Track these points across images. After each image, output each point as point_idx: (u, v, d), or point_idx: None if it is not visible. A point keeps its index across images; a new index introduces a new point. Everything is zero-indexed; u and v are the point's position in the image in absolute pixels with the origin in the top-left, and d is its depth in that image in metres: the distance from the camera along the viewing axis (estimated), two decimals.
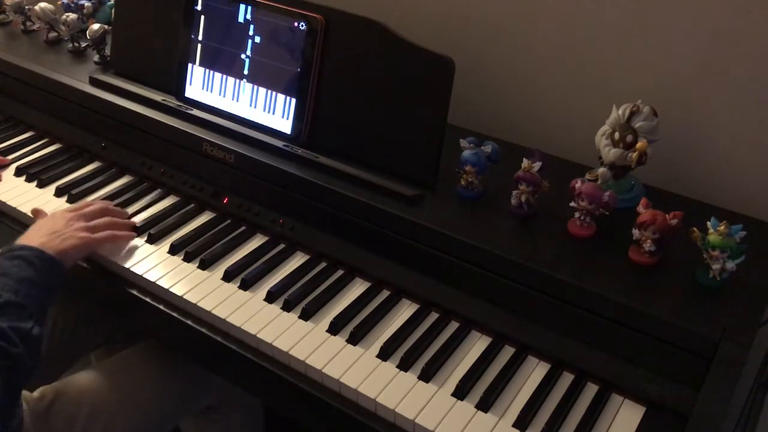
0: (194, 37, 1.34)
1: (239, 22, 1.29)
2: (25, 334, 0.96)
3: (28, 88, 1.51)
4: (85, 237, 1.13)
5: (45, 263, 1.05)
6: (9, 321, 0.95)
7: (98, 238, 1.15)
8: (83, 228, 1.14)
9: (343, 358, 1.02)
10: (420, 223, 1.10)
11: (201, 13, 1.33)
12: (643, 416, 0.94)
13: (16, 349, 0.93)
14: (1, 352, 0.92)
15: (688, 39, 1.20)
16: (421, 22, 1.45)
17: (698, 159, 1.26)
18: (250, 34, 1.28)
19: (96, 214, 1.20)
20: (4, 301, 0.96)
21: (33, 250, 1.05)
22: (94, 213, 1.20)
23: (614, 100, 1.14)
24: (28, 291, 1.00)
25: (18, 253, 1.04)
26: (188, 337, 1.12)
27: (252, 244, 1.22)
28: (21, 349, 0.94)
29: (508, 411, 0.95)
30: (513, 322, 1.04)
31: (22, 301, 0.98)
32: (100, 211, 1.21)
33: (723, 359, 0.89)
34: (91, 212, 1.20)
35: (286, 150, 1.24)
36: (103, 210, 1.22)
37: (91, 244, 1.14)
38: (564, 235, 1.09)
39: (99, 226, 1.17)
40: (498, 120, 1.42)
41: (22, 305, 0.98)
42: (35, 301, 1.00)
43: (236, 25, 1.29)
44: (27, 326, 0.96)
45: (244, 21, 1.28)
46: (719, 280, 0.98)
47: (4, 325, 0.94)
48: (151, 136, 1.35)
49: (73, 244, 1.10)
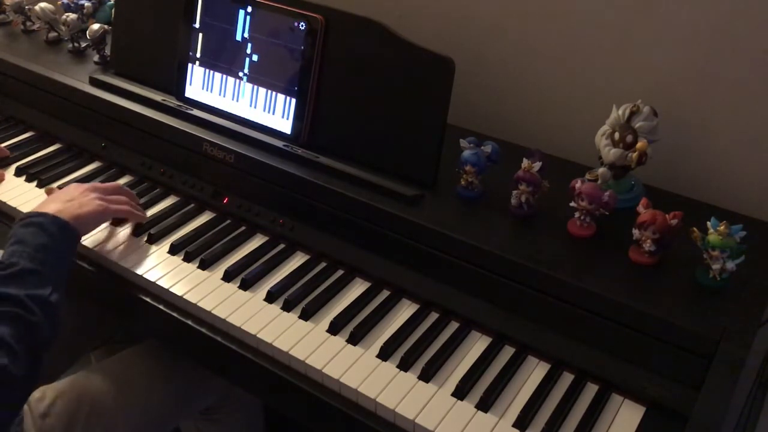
0: (194, 37, 1.34)
1: (239, 22, 1.28)
2: (43, 301, 0.95)
3: (28, 88, 1.51)
4: (102, 205, 1.13)
5: (61, 229, 1.04)
6: (26, 289, 0.94)
7: (114, 209, 1.16)
8: (100, 197, 1.15)
9: (343, 358, 1.02)
10: (420, 223, 1.10)
11: (201, 13, 1.33)
12: (643, 416, 0.94)
13: (35, 317, 0.93)
14: (20, 321, 0.92)
15: (688, 39, 1.20)
16: (421, 22, 1.45)
17: (698, 159, 1.26)
18: (250, 34, 1.28)
19: (111, 190, 1.21)
20: (20, 269, 0.96)
21: (48, 216, 1.05)
22: (109, 189, 1.21)
23: (614, 100, 1.14)
24: (45, 258, 0.99)
25: (33, 220, 1.04)
26: (188, 337, 1.12)
27: (252, 244, 1.22)
28: (40, 317, 0.94)
29: (508, 411, 0.95)
30: (513, 322, 1.04)
31: (39, 268, 0.97)
32: (115, 189, 1.22)
33: (723, 359, 0.89)
34: (107, 188, 1.21)
35: (286, 150, 1.24)
36: (119, 188, 1.23)
37: (108, 213, 1.15)
38: (564, 235, 1.09)
39: (115, 199, 1.19)
40: (498, 120, 1.42)
41: (39, 272, 0.97)
42: (52, 267, 0.99)
43: (236, 24, 1.29)
44: (45, 293, 0.96)
45: (244, 21, 1.28)
46: (719, 280, 0.98)
47: (21, 293, 0.93)
48: (151, 136, 1.35)
49: (90, 210, 1.11)
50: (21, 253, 0.98)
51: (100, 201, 1.14)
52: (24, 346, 0.91)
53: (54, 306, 0.97)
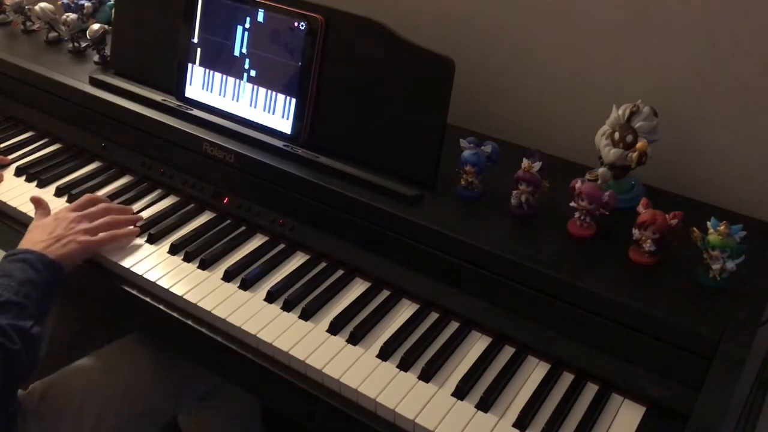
0: (194, 36, 1.34)
1: (239, 22, 1.28)
2: (24, 332, 0.98)
3: (28, 88, 1.51)
4: (85, 241, 1.15)
5: (47, 267, 1.07)
6: (8, 319, 0.97)
7: (98, 241, 1.17)
8: (84, 231, 1.16)
9: (343, 358, 1.02)
10: (420, 223, 1.10)
11: (201, 13, 1.33)
12: (643, 416, 0.95)
13: (15, 346, 0.96)
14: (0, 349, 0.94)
15: (689, 39, 1.20)
16: (421, 22, 1.45)
17: (698, 159, 1.26)
18: (251, 34, 1.28)
19: (98, 214, 1.21)
20: (4, 300, 0.99)
21: (35, 254, 1.08)
22: (95, 214, 1.21)
23: (614, 100, 1.14)
24: (29, 292, 1.02)
25: (21, 257, 1.07)
26: (188, 337, 1.12)
27: (252, 244, 1.22)
28: (19, 346, 0.96)
29: (508, 411, 0.95)
30: (513, 322, 1.04)
31: (23, 301, 1.00)
32: (102, 212, 1.22)
33: (723, 359, 0.89)
34: (93, 213, 1.21)
35: (286, 150, 1.24)
36: (106, 210, 1.23)
37: (92, 248, 1.16)
38: (564, 235, 1.09)
39: (100, 227, 1.19)
40: (498, 120, 1.42)
41: (22, 305, 1.00)
42: (35, 301, 1.02)
43: (236, 24, 1.29)
44: (26, 325, 0.99)
45: (244, 21, 1.28)
46: (719, 280, 0.98)
47: (3, 323, 0.96)
48: (151, 136, 1.35)
49: (74, 248, 1.13)
50: (6, 286, 1.01)
51: (84, 237, 1.15)
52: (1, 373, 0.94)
53: (34, 338, 1.00)
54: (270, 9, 1.25)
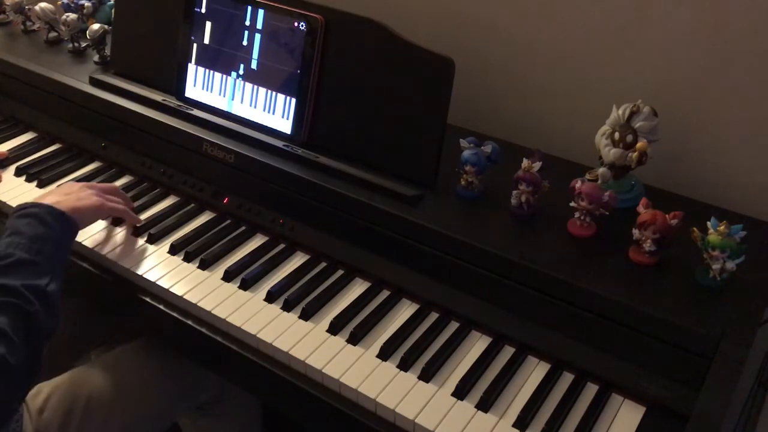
0: (194, 37, 1.34)
1: (239, 21, 1.28)
2: (40, 291, 0.95)
3: (28, 88, 1.51)
4: (100, 200, 1.14)
5: (57, 219, 1.05)
6: (23, 279, 0.94)
7: (111, 206, 1.17)
8: (97, 194, 1.16)
9: (343, 358, 1.02)
10: (420, 223, 1.10)
11: (201, 13, 1.33)
12: (643, 416, 0.95)
13: (32, 307, 0.93)
14: (17, 310, 0.92)
15: (689, 39, 1.20)
16: (421, 22, 1.44)
17: (698, 159, 1.26)
18: (250, 34, 1.28)
19: (108, 190, 1.22)
20: (16, 260, 0.96)
21: (43, 206, 1.06)
22: (106, 189, 1.22)
23: (614, 100, 1.14)
24: (41, 248, 0.99)
25: (29, 211, 1.04)
26: (188, 337, 1.12)
27: (252, 244, 1.22)
28: (37, 307, 0.94)
29: (508, 411, 0.95)
30: (513, 322, 1.04)
31: (35, 258, 0.98)
32: (112, 189, 1.23)
33: (723, 359, 0.89)
34: (104, 188, 1.22)
35: (286, 150, 1.24)
36: (116, 189, 1.25)
37: (105, 208, 1.16)
38: (564, 235, 1.09)
39: (112, 199, 1.20)
40: (498, 120, 1.42)
41: (35, 262, 0.98)
42: (48, 257, 1.00)
43: (236, 24, 1.29)
44: (42, 283, 0.96)
45: (243, 21, 1.28)
46: (719, 280, 0.98)
47: (17, 283, 0.93)
48: (151, 136, 1.35)
49: (87, 204, 1.12)
50: (17, 245, 0.98)
51: (98, 197, 1.15)
52: (22, 336, 0.91)
53: (51, 295, 0.97)
54: (270, 9, 1.25)
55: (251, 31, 1.28)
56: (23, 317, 0.92)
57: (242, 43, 1.29)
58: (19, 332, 0.91)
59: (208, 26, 1.33)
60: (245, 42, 1.29)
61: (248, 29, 1.28)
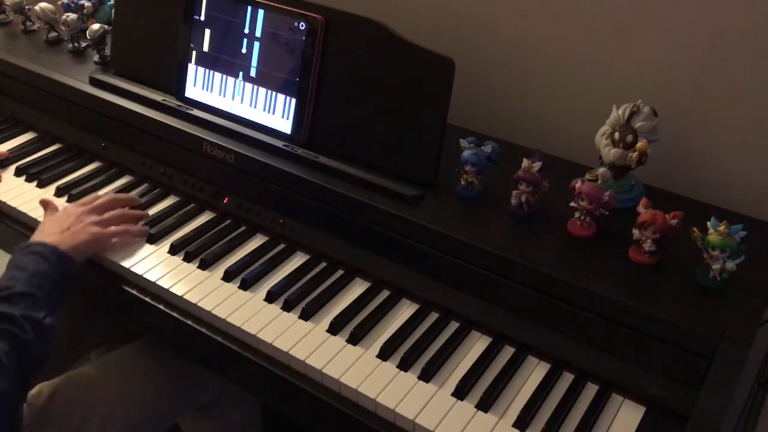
0: (194, 36, 1.34)
1: (239, 21, 1.28)
2: (37, 322, 0.99)
3: (28, 88, 1.51)
4: (97, 232, 1.16)
5: (59, 258, 1.08)
6: (21, 310, 0.98)
7: (109, 233, 1.18)
8: (94, 223, 1.17)
9: (343, 358, 1.02)
10: (420, 223, 1.10)
11: (201, 13, 1.33)
12: (643, 416, 0.94)
13: (28, 336, 0.97)
14: (13, 338, 0.95)
15: (689, 39, 1.20)
16: (421, 22, 1.44)
17: (698, 159, 1.26)
18: (250, 34, 1.28)
19: (106, 206, 1.23)
20: (17, 292, 1.00)
21: (47, 246, 1.09)
22: (104, 206, 1.22)
23: (614, 100, 1.14)
24: (41, 284, 1.03)
25: (34, 249, 1.08)
26: (188, 337, 1.12)
27: (252, 244, 1.22)
28: (32, 337, 0.97)
29: (508, 411, 0.95)
30: (513, 322, 1.04)
31: (35, 292, 1.01)
32: (109, 203, 1.24)
33: (723, 359, 0.89)
34: (101, 205, 1.22)
35: (286, 150, 1.24)
36: (113, 201, 1.25)
37: (103, 240, 1.17)
38: (564, 235, 1.09)
39: (110, 220, 1.20)
40: (498, 120, 1.42)
41: (35, 296, 1.01)
42: (48, 293, 1.03)
43: (236, 24, 1.29)
44: (39, 315, 1.00)
45: (244, 21, 1.28)
46: (719, 280, 0.98)
47: (17, 313, 0.97)
48: (151, 136, 1.35)
49: (85, 239, 1.14)
50: (18, 278, 1.02)
51: (95, 228, 1.16)
52: (13, 362, 0.94)
53: (47, 329, 1.00)
54: (270, 9, 1.25)
55: (251, 31, 1.28)
56: (18, 345, 0.96)
57: (242, 43, 1.29)
58: (11, 358, 0.94)
59: (207, 26, 1.32)
60: (245, 41, 1.29)
61: (248, 29, 1.28)
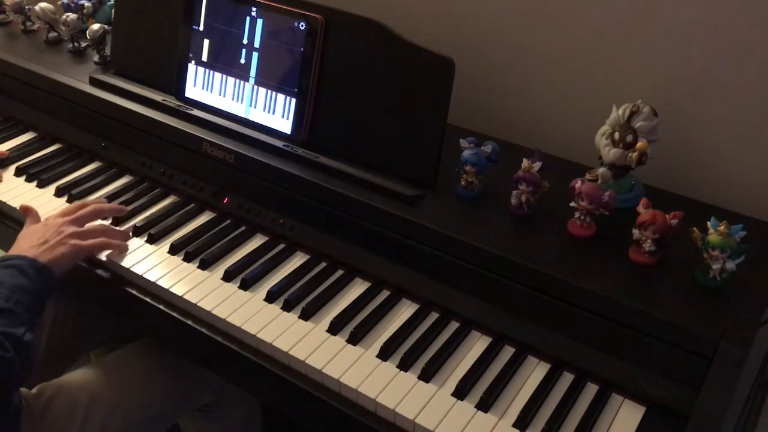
0: (194, 36, 1.34)
1: (239, 21, 1.28)
2: (16, 339, 0.97)
3: (28, 88, 1.51)
4: (75, 245, 1.13)
5: (37, 272, 1.06)
6: (1, 326, 0.96)
7: (88, 246, 1.15)
8: (74, 234, 1.14)
9: (343, 358, 1.02)
10: (420, 223, 1.10)
11: (201, 13, 1.33)
12: (643, 416, 0.95)
13: (8, 354, 0.95)
14: None
15: (689, 39, 1.20)
16: (421, 22, 1.44)
17: (698, 159, 1.26)
18: (250, 34, 1.28)
19: (88, 217, 1.20)
20: None
21: (26, 259, 1.07)
22: (85, 217, 1.20)
23: (614, 100, 1.14)
24: (20, 298, 1.01)
25: (11, 263, 1.06)
26: (188, 337, 1.12)
27: (252, 244, 1.22)
28: (12, 354, 0.95)
29: (508, 411, 0.95)
30: (513, 322, 1.04)
31: (14, 308, 0.99)
32: (91, 214, 1.21)
33: (723, 359, 0.89)
34: (83, 216, 1.19)
35: (286, 150, 1.24)
36: (96, 212, 1.22)
37: (81, 252, 1.14)
38: (564, 235, 1.09)
39: (90, 232, 1.17)
40: (498, 120, 1.42)
41: (14, 312, 0.99)
42: (26, 308, 1.01)
43: (236, 24, 1.29)
44: (19, 332, 0.98)
45: (244, 21, 1.28)
46: (719, 280, 0.98)
47: None
48: (151, 136, 1.35)
49: (63, 252, 1.11)
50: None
51: (74, 240, 1.13)
52: None
53: (27, 346, 0.99)
54: (270, 9, 1.25)
55: (251, 31, 1.27)
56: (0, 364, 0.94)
57: (242, 43, 1.29)
58: None
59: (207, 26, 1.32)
60: (245, 42, 1.29)
61: (248, 29, 1.28)
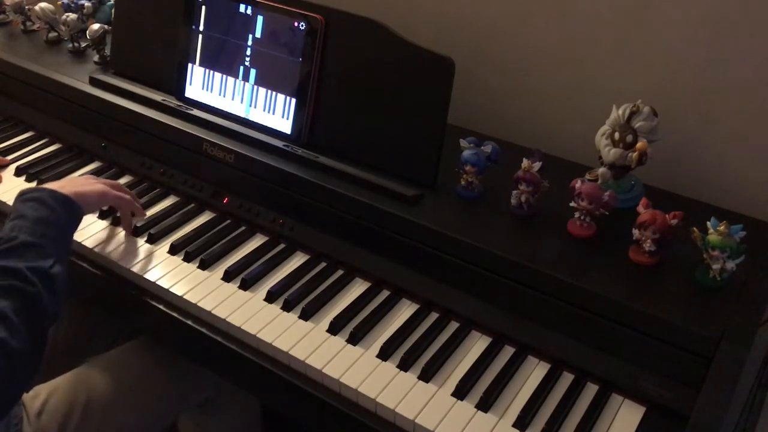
0: (194, 36, 1.34)
1: (239, 21, 1.29)
2: (43, 272, 0.95)
3: (28, 88, 1.51)
4: (105, 188, 1.15)
5: (60, 203, 1.05)
6: (26, 261, 0.94)
7: (117, 194, 1.18)
8: (104, 182, 1.18)
9: (343, 358, 1.02)
10: (420, 223, 1.10)
11: (201, 13, 1.33)
12: (643, 416, 0.95)
13: (33, 288, 0.93)
14: (19, 293, 0.91)
15: (689, 39, 1.20)
16: (421, 22, 1.45)
17: (698, 159, 1.26)
18: (250, 34, 1.28)
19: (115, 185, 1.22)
20: (20, 242, 0.96)
21: (46, 191, 1.06)
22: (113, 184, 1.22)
23: (614, 100, 1.14)
24: (45, 231, 1.00)
25: (32, 195, 1.05)
26: (188, 337, 1.12)
27: (252, 244, 1.22)
28: (38, 288, 0.93)
29: (508, 411, 0.95)
30: (513, 322, 1.04)
31: (39, 241, 0.98)
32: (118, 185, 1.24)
33: (723, 359, 0.89)
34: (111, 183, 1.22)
35: (286, 150, 1.24)
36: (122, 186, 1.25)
37: (109, 196, 1.16)
38: (564, 235, 1.09)
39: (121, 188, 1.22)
40: (498, 120, 1.42)
41: (39, 245, 0.98)
42: (52, 240, 1.00)
43: (236, 24, 1.29)
44: (45, 265, 0.96)
45: (244, 21, 1.28)
46: (719, 280, 0.98)
47: (21, 266, 0.93)
48: (151, 136, 1.35)
49: (91, 189, 1.13)
50: (21, 227, 0.98)
51: (102, 186, 1.16)
52: (24, 319, 0.90)
53: (55, 277, 0.97)
54: (270, 9, 1.25)
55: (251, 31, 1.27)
56: (26, 300, 0.92)
57: (242, 43, 1.29)
58: (21, 315, 0.90)
59: (207, 26, 1.32)
60: (245, 41, 1.29)
61: (248, 29, 1.28)
